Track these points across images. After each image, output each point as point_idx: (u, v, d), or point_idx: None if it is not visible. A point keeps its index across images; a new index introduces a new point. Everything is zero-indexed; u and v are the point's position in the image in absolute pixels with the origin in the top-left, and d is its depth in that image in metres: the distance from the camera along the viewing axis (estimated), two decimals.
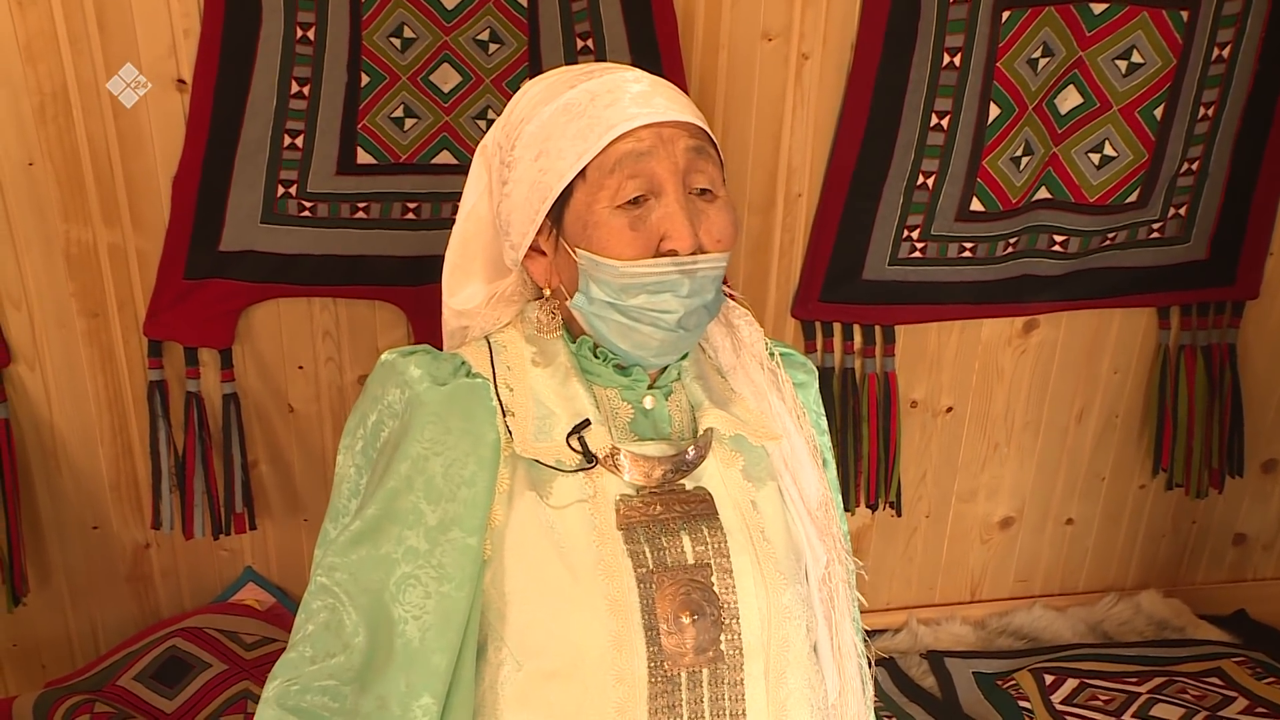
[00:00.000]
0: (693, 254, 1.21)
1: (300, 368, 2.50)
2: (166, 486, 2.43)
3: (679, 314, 1.23)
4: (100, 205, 2.29)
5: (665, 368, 1.33)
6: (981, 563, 3.07)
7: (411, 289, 2.44)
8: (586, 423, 1.25)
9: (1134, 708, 2.60)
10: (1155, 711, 2.58)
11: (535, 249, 1.30)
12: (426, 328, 2.46)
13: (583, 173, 1.23)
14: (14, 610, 2.45)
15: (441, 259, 2.39)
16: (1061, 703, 2.62)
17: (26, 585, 2.45)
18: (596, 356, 1.31)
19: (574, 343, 1.32)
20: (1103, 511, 3.06)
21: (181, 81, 2.23)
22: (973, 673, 2.78)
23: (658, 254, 1.21)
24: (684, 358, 1.35)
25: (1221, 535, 3.16)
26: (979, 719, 2.63)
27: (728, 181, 1.31)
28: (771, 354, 1.40)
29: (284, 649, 2.48)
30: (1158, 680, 2.70)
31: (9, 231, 2.27)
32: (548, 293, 1.32)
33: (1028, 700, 2.64)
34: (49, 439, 2.44)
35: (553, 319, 1.32)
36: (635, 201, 1.21)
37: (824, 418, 1.46)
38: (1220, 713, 2.57)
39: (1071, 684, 2.69)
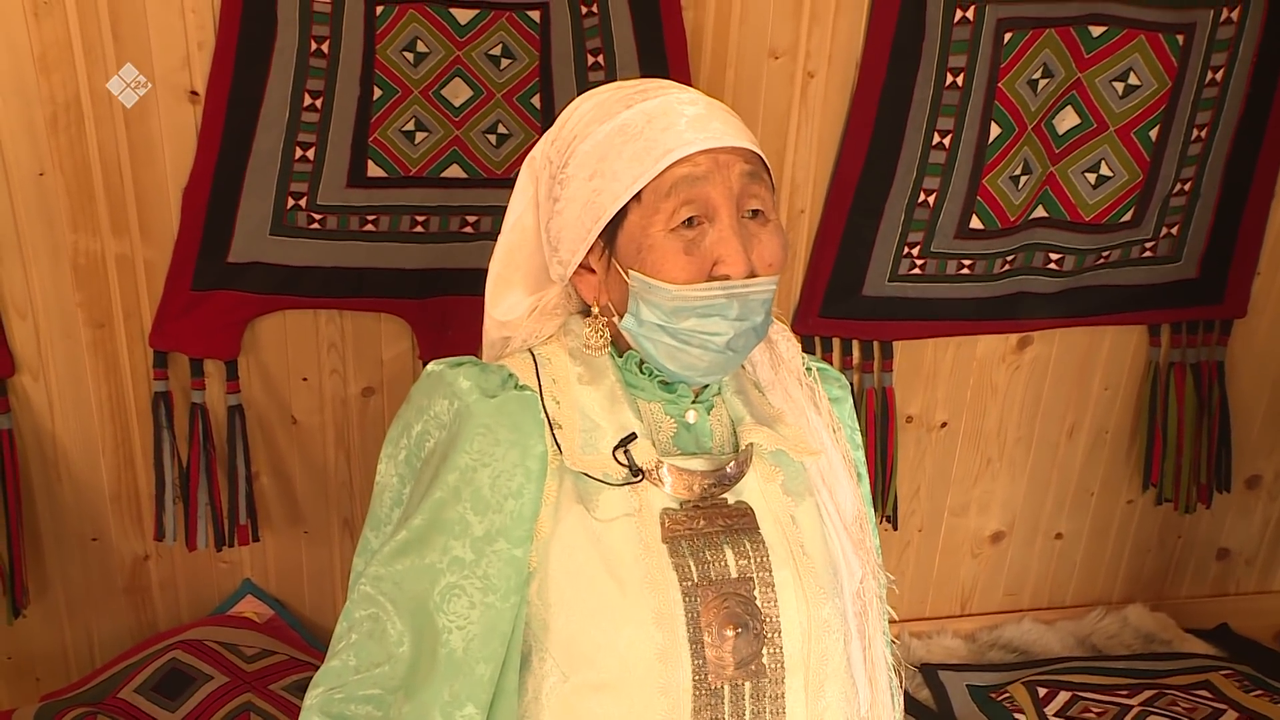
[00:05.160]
0: (745, 278, 1.22)
1: (305, 379, 2.50)
2: (170, 497, 2.42)
3: (728, 336, 1.24)
4: (109, 216, 2.28)
5: (708, 383, 1.35)
6: (972, 576, 3.10)
7: (417, 302, 2.45)
8: (633, 436, 1.26)
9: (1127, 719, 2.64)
10: None
11: (585, 266, 1.31)
12: (431, 340, 2.47)
13: (638, 195, 1.23)
14: (13, 623, 2.43)
15: (449, 272, 2.43)
16: (1055, 715, 2.65)
17: (27, 597, 2.43)
18: (642, 371, 1.32)
19: (620, 357, 1.33)
20: (1091, 526, 3.10)
21: (194, 93, 2.23)
22: (966, 685, 2.81)
23: (710, 277, 1.22)
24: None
25: (1205, 550, 3.21)
26: None
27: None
28: (809, 369, 1.42)
29: (284, 661, 2.51)
30: (1148, 693, 2.74)
31: (17, 241, 2.25)
32: (595, 310, 1.33)
33: (1022, 713, 2.66)
34: (51, 450, 2.43)
35: (600, 336, 1.32)
36: (689, 224, 1.22)
37: (858, 433, 1.49)
38: None
39: (1064, 696, 2.72)
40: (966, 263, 2.67)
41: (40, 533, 2.48)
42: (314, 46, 2.23)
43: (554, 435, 1.26)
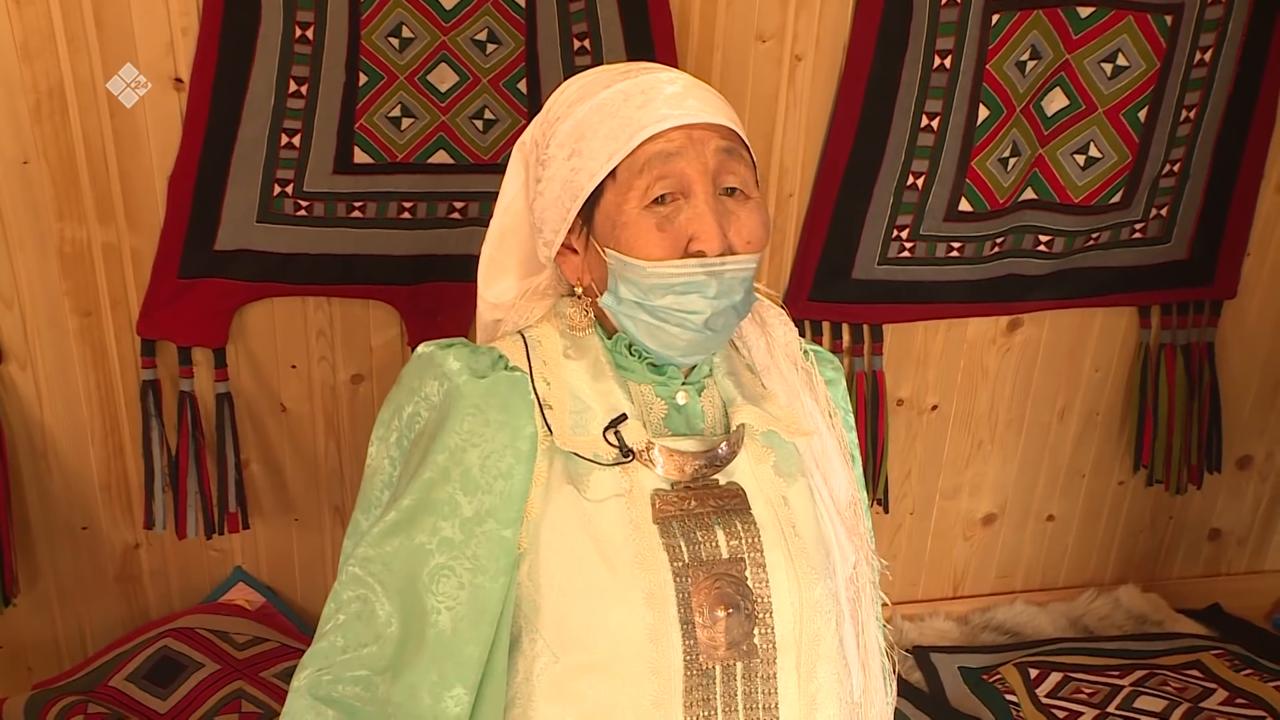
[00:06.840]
0: (721, 255, 1.22)
1: (293, 367, 2.49)
2: (159, 486, 2.41)
3: (706, 315, 1.24)
4: (95, 204, 2.27)
5: (696, 364, 1.34)
6: (964, 559, 3.10)
7: (406, 288, 2.44)
8: (623, 417, 1.26)
9: (1118, 700, 2.64)
10: (1138, 704, 2.62)
11: (568, 246, 1.31)
12: (420, 327, 2.47)
13: (613, 172, 1.23)
14: (4, 612, 2.43)
15: (437, 258, 2.43)
16: (1047, 696, 2.66)
17: (17, 586, 2.43)
18: (631, 353, 1.31)
19: (608, 339, 1.33)
20: (1083, 508, 3.11)
21: (179, 80, 2.22)
22: (958, 667, 2.82)
23: (686, 254, 1.22)
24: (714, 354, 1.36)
25: (1197, 530, 3.22)
26: (967, 713, 2.66)
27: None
28: (805, 353, 1.42)
29: (276, 648, 2.51)
30: (1139, 673, 2.74)
31: (2, 230, 2.24)
32: (579, 290, 1.33)
33: (1014, 694, 2.67)
34: (39, 439, 2.42)
35: (585, 316, 1.32)
36: (663, 201, 1.22)
37: (851, 415, 1.48)
38: (1201, 704, 2.61)
39: (1056, 678, 2.72)
40: (956, 245, 2.67)
41: (30, 522, 2.47)
42: (298, 33, 2.21)
43: (544, 416, 1.26)
